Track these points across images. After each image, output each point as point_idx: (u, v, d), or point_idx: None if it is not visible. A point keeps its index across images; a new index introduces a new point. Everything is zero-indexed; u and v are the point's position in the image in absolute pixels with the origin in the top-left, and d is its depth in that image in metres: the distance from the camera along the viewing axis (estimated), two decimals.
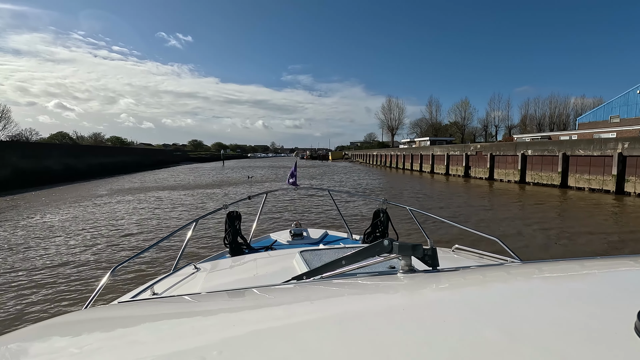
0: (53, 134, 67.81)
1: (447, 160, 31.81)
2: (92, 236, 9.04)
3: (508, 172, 24.14)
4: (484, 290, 0.87)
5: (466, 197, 17.93)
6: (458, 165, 30.15)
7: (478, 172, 27.30)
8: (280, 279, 1.28)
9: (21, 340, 0.73)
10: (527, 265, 1.13)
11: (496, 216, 12.05)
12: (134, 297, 1.60)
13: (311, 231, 3.40)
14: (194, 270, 1.97)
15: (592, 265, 1.05)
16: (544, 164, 21.28)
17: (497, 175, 25.13)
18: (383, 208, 2.85)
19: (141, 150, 59.07)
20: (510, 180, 23.68)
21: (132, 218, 11.64)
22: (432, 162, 34.81)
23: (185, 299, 1.10)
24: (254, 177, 30.91)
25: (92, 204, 14.89)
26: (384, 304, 0.77)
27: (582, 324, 0.58)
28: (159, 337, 0.68)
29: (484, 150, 26.72)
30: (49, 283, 5.77)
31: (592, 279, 0.90)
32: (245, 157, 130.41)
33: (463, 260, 1.65)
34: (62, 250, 7.71)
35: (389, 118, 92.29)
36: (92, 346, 0.66)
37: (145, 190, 20.45)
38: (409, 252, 0.94)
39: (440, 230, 8.39)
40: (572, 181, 19.38)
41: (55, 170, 27.50)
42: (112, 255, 7.39)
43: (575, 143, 19.87)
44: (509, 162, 24.17)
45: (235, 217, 2.66)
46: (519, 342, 0.52)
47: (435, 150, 34.80)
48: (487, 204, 15.11)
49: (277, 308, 0.83)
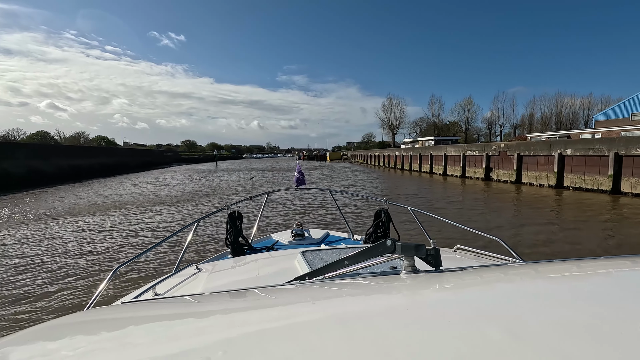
0: (32, 133, 62.59)
1: (463, 161, 28.56)
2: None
3: (540, 175, 20.88)
4: (487, 290, 0.86)
5: (512, 209, 14.57)
6: (477, 166, 26.92)
7: (501, 175, 24.04)
8: (282, 280, 1.27)
9: (24, 341, 0.72)
10: (530, 265, 1.13)
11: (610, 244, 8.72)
12: (136, 297, 1.57)
13: (312, 231, 3.40)
14: (195, 270, 1.98)
15: (596, 265, 1.05)
16: (589, 166, 18.02)
17: (526, 178, 21.88)
18: (384, 208, 2.83)
19: (126, 150, 53.32)
20: (543, 184, 20.44)
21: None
22: (445, 164, 31.53)
23: (187, 299, 1.09)
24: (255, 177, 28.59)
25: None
26: (388, 305, 0.77)
27: (587, 324, 0.57)
28: (162, 337, 0.67)
29: (509, 150, 23.45)
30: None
31: (596, 279, 0.90)
32: (241, 158, 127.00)
33: (465, 261, 1.63)
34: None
35: (389, 117, 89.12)
36: (95, 347, 0.66)
37: (108, 207, 14.08)
38: (412, 252, 0.93)
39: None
40: (626, 186, 16.15)
41: (15, 173, 23.67)
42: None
43: (630, 141, 16.61)
44: (541, 164, 20.92)
45: (236, 218, 2.62)
46: (523, 342, 0.52)
47: (449, 150, 31.47)
48: (555, 224, 11.63)
49: (280, 308, 0.82)
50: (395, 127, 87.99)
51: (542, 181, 20.64)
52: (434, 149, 35.25)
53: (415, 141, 67.80)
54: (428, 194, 19.21)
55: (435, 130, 77.60)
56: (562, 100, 71.17)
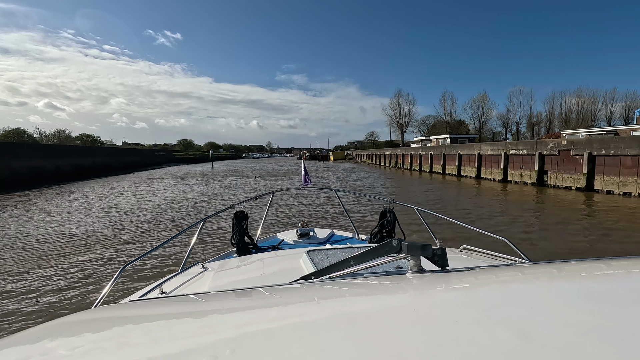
0: (8, 130, 56.37)
1: (505, 162, 23.63)
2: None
3: (626, 181, 15.95)
4: (495, 290, 0.85)
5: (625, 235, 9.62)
6: (525, 169, 22.00)
7: (563, 180, 19.12)
8: (287, 279, 1.25)
9: (32, 339, 0.71)
10: (538, 265, 1.11)
11: None
12: (143, 296, 1.56)
13: (318, 231, 3.40)
14: (201, 269, 1.97)
15: (605, 265, 1.04)
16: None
17: (602, 184, 16.97)
18: (390, 208, 2.80)
19: (108, 150, 47.39)
20: (631, 192, 15.52)
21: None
22: (479, 165, 26.61)
23: (193, 298, 1.08)
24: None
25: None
26: (394, 305, 0.76)
27: (598, 325, 0.56)
28: (169, 335, 0.67)
29: (576, 148, 18.50)
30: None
31: (606, 280, 0.89)
32: (240, 158, 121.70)
33: (472, 261, 1.62)
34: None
35: (398, 114, 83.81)
36: (102, 345, 0.66)
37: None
38: (418, 252, 0.91)
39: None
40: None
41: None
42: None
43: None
44: (627, 166, 15.99)
45: (242, 217, 2.62)
46: (533, 343, 0.51)
47: (484, 148, 26.51)
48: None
49: (286, 307, 0.82)
50: (404, 125, 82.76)
51: (629, 188, 15.73)
52: (463, 148, 30.25)
53: (428, 139, 62.67)
54: (495, 212, 14.27)
55: (447, 128, 72.50)
56: (583, 95, 66.23)
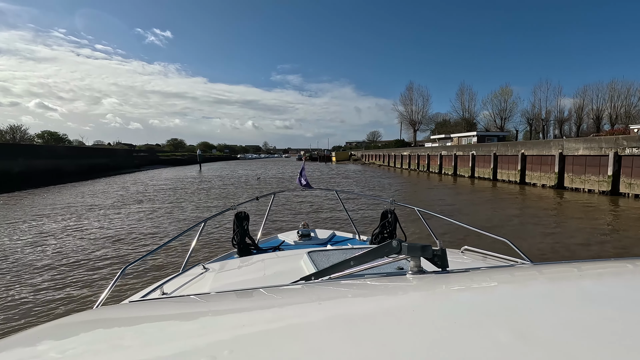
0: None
1: (559, 164, 16.61)
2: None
3: None
4: (495, 291, 0.85)
5: None
6: (591, 173, 15.68)
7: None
8: (288, 280, 1.25)
9: (32, 340, 0.71)
10: (539, 266, 1.11)
11: None
12: (144, 296, 1.55)
13: (319, 232, 3.39)
14: (202, 270, 1.96)
15: (605, 266, 1.03)
16: None
17: None
18: (391, 209, 2.79)
19: (62, 149, 35.65)
20: None
21: None
22: (523, 167, 19.29)
23: (194, 298, 1.08)
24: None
25: None
26: (394, 305, 0.76)
27: (598, 327, 0.56)
28: (170, 336, 0.67)
29: None
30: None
31: (606, 281, 0.89)
32: (235, 159, 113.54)
33: (473, 262, 1.61)
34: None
35: (409, 110, 75.37)
36: (103, 345, 0.66)
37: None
38: (419, 253, 0.91)
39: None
40: None
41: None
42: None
43: None
44: None
45: (243, 218, 2.62)
46: (532, 345, 0.51)
47: (558, 148, 18.80)
48: None
49: (287, 308, 0.82)
50: (418, 123, 74.67)
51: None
52: (505, 146, 22.54)
53: (449, 138, 54.98)
54: None
55: (465, 125, 64.79)
56: (617, 89, 58.74)
